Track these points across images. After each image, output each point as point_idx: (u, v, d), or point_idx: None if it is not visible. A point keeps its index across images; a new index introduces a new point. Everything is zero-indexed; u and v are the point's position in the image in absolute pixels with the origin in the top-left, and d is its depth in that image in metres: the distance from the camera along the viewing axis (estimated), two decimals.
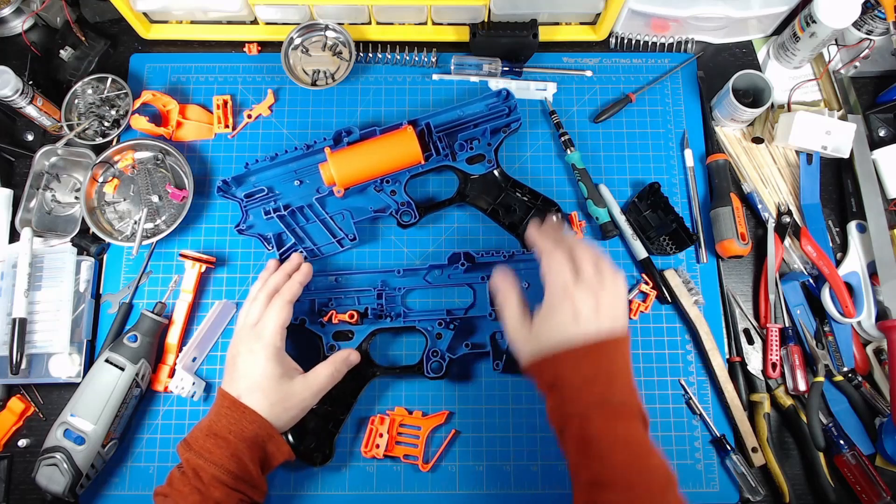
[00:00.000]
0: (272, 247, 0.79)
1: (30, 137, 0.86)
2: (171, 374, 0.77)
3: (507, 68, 0.86)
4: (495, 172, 0.80)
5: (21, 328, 0.74)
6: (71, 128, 0.83)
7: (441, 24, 0.88)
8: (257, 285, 0.73)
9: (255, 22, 0.89)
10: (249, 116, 0.86)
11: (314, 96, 0.87)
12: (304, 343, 0.76)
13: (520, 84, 0.87)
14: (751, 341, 0.80)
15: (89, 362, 0.78)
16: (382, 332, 0.77)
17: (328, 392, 0.72)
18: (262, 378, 0.66)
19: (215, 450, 0.62)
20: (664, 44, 0.89)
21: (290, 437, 0.71)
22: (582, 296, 0.60)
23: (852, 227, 0.82)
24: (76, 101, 0.85)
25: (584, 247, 0.64)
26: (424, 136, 0.80)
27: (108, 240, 0.80)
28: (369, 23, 0.88)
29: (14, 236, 0.82)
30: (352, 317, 0.74)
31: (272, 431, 0.65)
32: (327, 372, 0.70)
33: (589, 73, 0.88)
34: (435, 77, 0.83)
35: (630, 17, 0.85)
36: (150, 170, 0.84)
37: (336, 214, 0.80)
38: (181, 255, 0.79)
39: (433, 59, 0.87)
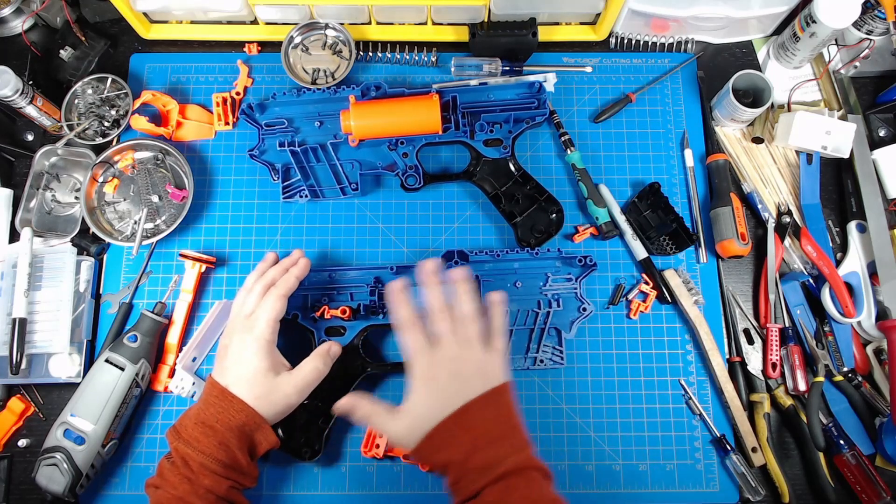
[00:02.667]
0: (278, 177, 0.81)
1: (30, 137, 0.86)
2: (171, 374, 0.77)
3: (507, 68, 0.86)
4: (508, 160, 0.80)
5: (21, 328, 0.74)
6: (71, 128, 0.83)
7: (441, 24, 0.88)
8: (254, 276, 0.73)
9: (255, 22, 0.89)
10: (238, 94, 0.87)
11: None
12: (296, 338, 0.76)
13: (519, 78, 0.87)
14: (751, 341, 0.80)
15: (89, 362, 0.78)
16: (374, 329, 0.77)
17: (319, 387, 0.72)
18: (249, 370, 0.66)
19: (203, 439, 0.62)
20: (664, 44, 0.89)
21: (279, 432, 0.71)
22: (441, 372, 0.59)
23: (852, 227, 0.82)
24: (76, 101, 0.85)
25: (440, 302, 0.63)
26: (448, 107, 0.81)
27: (108, 240, 0.80)
28: (369, 23, 0.88)
29: (14, 236, 0.82)
30: (344, 312, 0.74)
31: (260, 421, 0.65)
32: (311, 367, 0.69)
33: (589, 69, 0.88)
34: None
35: (630, 17, 0.85)
36: (150, 170, 0.84)
37: (346, 162, 0.82)
38: (181, 255, 0.79)
39: (433, 59, 0.87)
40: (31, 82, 0.82)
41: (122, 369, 0.72)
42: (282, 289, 0.70)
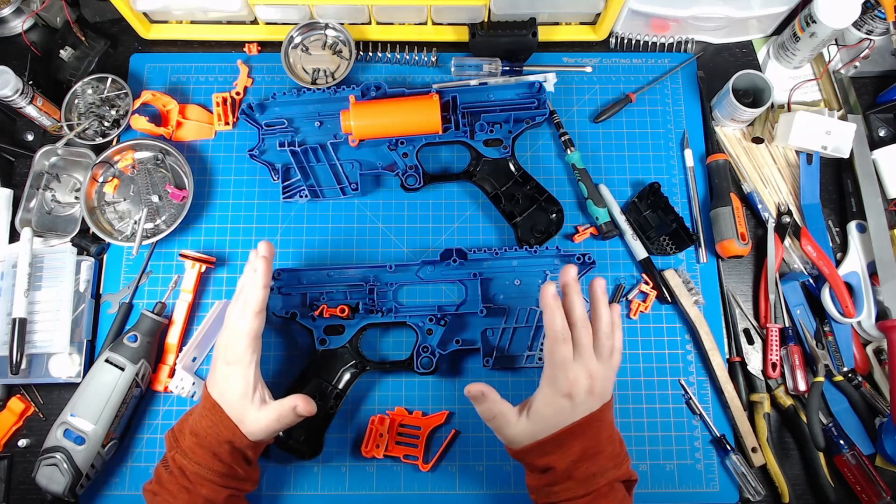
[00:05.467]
0: (278, 177, 0.81)
1: (30, 137, 0.86)
2: (171, 374, 0.77)
3: (507, 68, 0.86)
4: (508, 160, 0.80)
5: (21, 328, 0.74)
6: (71, 128, 0.83)
7: (441, 24, 0.88)
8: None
9: (255, 22, 0.89)
10: (238, 94, 0.87)
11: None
12: (295, 336, 0.77)
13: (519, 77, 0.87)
14: (751, 341, 0.80)
15: (89, 362, 0.78)
16: (373, 327, 0.78)
17: (317, 387, 0.73)
18: (230, 392, 0.64)
19: (197, 450, 0.62)
20: (664, 44, 0.89)
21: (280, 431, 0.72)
22: (579, 376, 0.59)
23: (852, 227, 0.82)
24: (76, 101, 0.85)
25: (584, 314, 0.62)
26: (448, 107, 0.81)
27: (108, 240, 0.80)
28: (369, 23, 0.88)
29: (14, 236, 0.82)
30: (343, 311, 0.74)
31: (247, 440, 0.64)
32: (270, 417, 0.65)
33: (589, 69, 0.88)
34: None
35: (630, 17, 0.85)
36: (150, 170, 0.84)
37: (346, 162, 0.82)
38: (181, 255, 0.79)
39: (433, 59, 0.87)
40: (31, 82, 0.82)
41: (122, 369, 0.72)
42: (252, 305, 0.66)
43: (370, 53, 0.88)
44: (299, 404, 0.66)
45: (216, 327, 0.79)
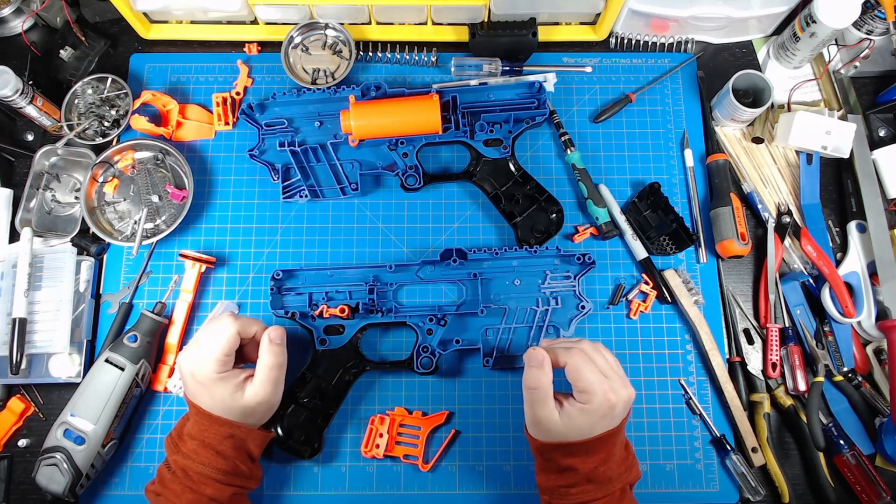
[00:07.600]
0: (278, 177, 0.81)
1: (30, 137, 0.86)
2: (171, 374, 0.77)
3: (507, 68, 0.86)
4: (509, 160, 0.80)
5: (21, 328, 0.74)
6: (71, 128, 0.83)
7: (441, 24, 0.88)
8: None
9: (255, 22, 0.89)
10: (238, 94, 0.87)
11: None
12: (300, 334, 0.77)
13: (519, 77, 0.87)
14: (751, 341, 0.80)
15: (89, 362, 0.78)
16: (373, 327, 0.78)
17: (317, 386, 0.73)
18: (214, 400, 0.64)
19: (200, 450, 0.63)
20: (664, 44, 0.89)
21: (279, 431, 0.72)
22: (617, 396, 0.61)
23: (852, 227, 0.82)
24: (76, 101, 0.85)
25: (596, 346, 0.64)
26: (448, 107, 0.81)
27: (108, 240, 0.80)
28: (369, 23, 0.88)
29: (14, 236, 0.82)
30: (343, 311, 0.74)
31: (246, 430, 0.65)
32: (265, 370, 0.66)
33: (589, 69, 0.88)
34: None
35: (630, 17, 0.85)
36: (150, 170, 0.84)
37: (346, 162, 0.82)
38: (181, 255, 0.79)
39: (433, 59, 0.87)
40: (31, 82, 0.82)
41: (122, 369, 0.72)
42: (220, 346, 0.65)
43: (370, 53, 0.88)
44: (270, 334, 0.67)
45: None
